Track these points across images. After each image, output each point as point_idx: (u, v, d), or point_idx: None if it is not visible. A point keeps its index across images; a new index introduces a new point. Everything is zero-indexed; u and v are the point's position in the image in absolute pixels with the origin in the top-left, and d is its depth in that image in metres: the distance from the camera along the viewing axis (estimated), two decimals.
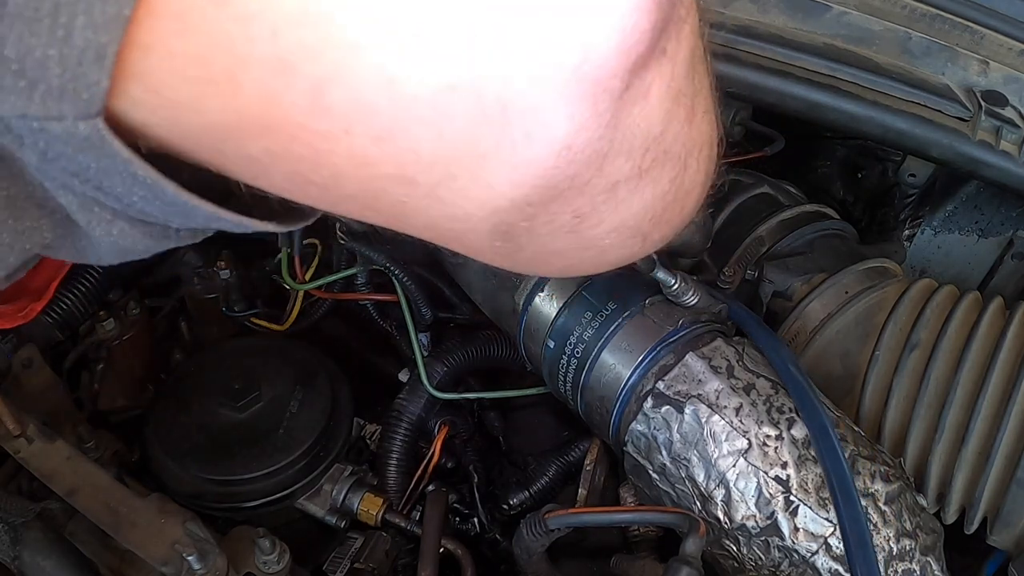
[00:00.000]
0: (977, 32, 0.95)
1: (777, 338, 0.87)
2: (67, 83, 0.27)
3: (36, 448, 0.91)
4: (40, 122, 0.28)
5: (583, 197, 0.35)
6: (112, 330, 1.16)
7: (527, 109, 0.30)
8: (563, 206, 0.35)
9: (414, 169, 0.31)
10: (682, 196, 0.41)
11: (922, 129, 0.89)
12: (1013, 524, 0.88)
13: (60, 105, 0.27)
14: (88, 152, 0.29)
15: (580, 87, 0.30)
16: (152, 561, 0.83)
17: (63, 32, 0.26)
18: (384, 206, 0.35)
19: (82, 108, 0.27)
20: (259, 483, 1.02)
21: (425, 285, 1.16)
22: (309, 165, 0.32)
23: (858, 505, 0.73)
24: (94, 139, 0.28)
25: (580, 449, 1.11)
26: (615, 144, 0.33)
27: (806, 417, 0.78)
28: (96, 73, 0.27)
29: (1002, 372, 0.89)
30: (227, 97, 0.29)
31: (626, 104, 0.32)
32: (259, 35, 0.27)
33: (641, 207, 0.39)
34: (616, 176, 0.35)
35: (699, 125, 0.39)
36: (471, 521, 1.14)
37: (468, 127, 0.30)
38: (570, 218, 0.37)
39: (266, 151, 0.31)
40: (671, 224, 0.43)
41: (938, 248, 1.22)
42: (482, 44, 0.28)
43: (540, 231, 0.37)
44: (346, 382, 1.15)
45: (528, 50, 0.29)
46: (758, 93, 0.89)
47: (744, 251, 1.06)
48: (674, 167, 0.39)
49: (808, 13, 0.93)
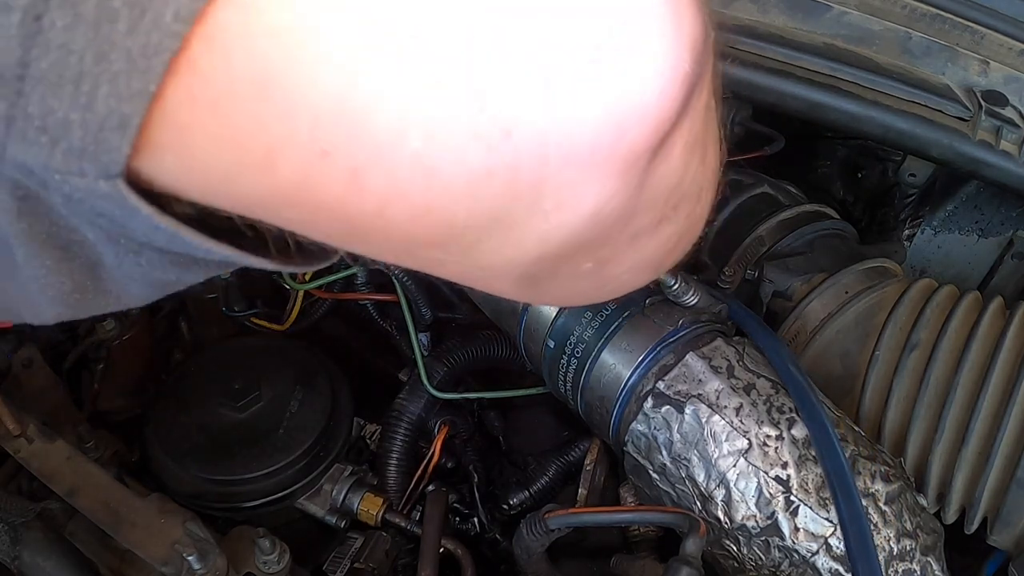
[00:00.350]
0: (977, 32, 0.95)
1: (777, 338, 0.87)
2: (88, 146, 0.27)
3: (36, 448, 0.91)
4: (62, 176, 0.28)
5: (606, 248, 0.36)
6: (112, 330, 1.16)
7: (561, 184, 0.30)
8: (587, 257, 0.36)
9: (446, 239, 0.32)
10: (694, 226, 0.42)
11: (922, 129, 0.89)
12: (1013, 524, 0.88)
13: (81, 163, 0.27)
14: (109, 203, 0.29)
15: (613, 165, 0.30)
16: (152, 561, 0.83)
17: (85, 99, 0.26)
18: (417, 263, 0.36)
19: (102, 170, 0.27)
20: (259, 483, 1.02)
21: (425, 285, 1.16)
22: (343, 233, 0.32)
23: (859, 505, 0.73)
24: (115, 196, 0.28)
25: (580, 449, 1.10)
26: (640, 203, 0.34)
27: (806, 417, 0.78)
28: (118, 140, 0.27)
29: (1002, 372, 0.89)
30: (263, 177, 0.29)
31: (652, 169, 0.32)
32: (298, 127, 0.27)
33: (658, 245, 0.40)
34: (639, 228, 0.36)
35: (711, 161, 0.40)
36: (471, 521, 1.14)
37: (502, 204, 0.30)
38: (592, 265, 0.38)
39: (300, 221, 0.32)
40: (684, 251, 0.44)
41: (938, 248, 1.22)
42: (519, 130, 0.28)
43: (562, 276, 0.38)
44: (346, 382, 1.15)
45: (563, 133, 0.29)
46: (758, 93, 0.89)
47: (744, 251, 1.06)
48: (689, 204, 0.39)
49: (808, 13, 0.93)
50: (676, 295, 0.87)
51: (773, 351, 0.84)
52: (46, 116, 0.26)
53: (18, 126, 0.26)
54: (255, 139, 0.28)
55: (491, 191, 0.30)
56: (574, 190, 0.31)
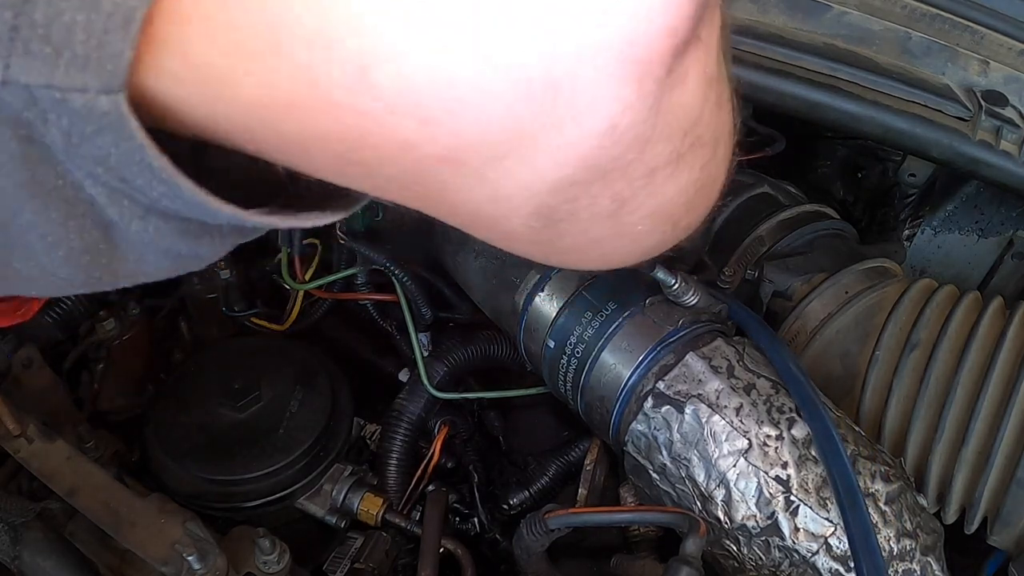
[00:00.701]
0: (977, 32, 0.95)
1: (777, 338, 0.87)
2: (91, 51, 0.26)
3: (36, 448, 0.91)
4: (63, 93, 0.27)
5: (624, 180, 0.36)
6: (112, 330, 1.16)
7: (574, 90, 0.30)
8: (604, 189, 0.36)
9: (459, 151, 0.31)
10: (710, 183, 0.42)
11: (922, 129, 0.89)
12: (1013, 524, 0.88)
13: (84, 75, 0.27)
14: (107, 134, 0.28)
15: (627, 68, 0.30)
16: (152, 561, 0.83)
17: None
18: (425, 188, 0.34)
19: (105, 80, 0.27)
20: (259, 483, 1.02)
21: (425, 285, 1.16)
22: (350, 146, 0.31)
23: (863, 504, 0.73)
24: (113, 116, 0.28)
25: (580, 449, 1.11)
26: (657, 129, 0.34)
27: (808, 417, 0.78)
28: (120, 43, 0.26)
29: (1002, 372, 0.89)
30: (267, 72, 0.28)
31: (667, 88, 0.32)
32: (306, 8, 0.27)
33: (676, 192, 0.39)
34: (656, 161, 0.36)
35: (725, 113, 0.40)
36: (471, 521, 1.14)
37: (516, 109, 0.30)
38: (609, 202, 0.37)
39: (305, 131, 0.30)
40: (699, 211, 0.44)
41: (938, 248, 1.22)
42: (531, 26, 0.28)
43: (580, 215, 0.37)
44: (346, 382, 1.15)
45: (576, 31, 0.29)
46: (758, 93, 0.89)
47: (744, 251, 1.06)
48: (705, 153, 0.39)
49: (808, 13, 0.93)
50: (676, 295, 0.87)
51: (773, 351, 0.84)
52: (52, 21, 0.26)
53: (22, 36, 0.26)
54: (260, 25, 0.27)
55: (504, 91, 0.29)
56: (589, 96, 0.30)
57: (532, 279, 0.96)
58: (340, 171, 0.33)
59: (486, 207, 0.36)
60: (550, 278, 0.94)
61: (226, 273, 1.21)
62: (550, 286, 0.94)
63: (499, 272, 1.02)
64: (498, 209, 0.36)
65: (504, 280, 1.00)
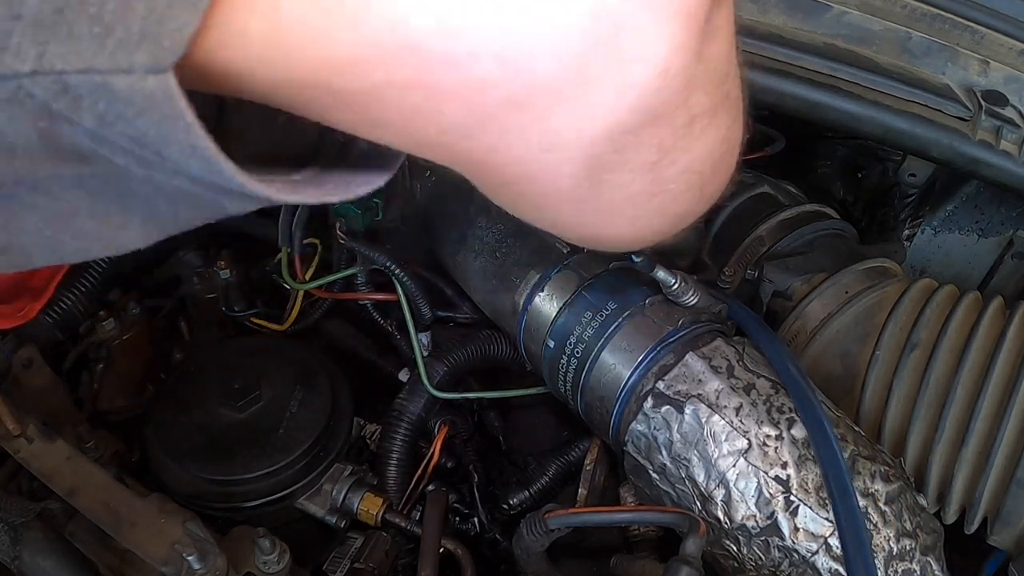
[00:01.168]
0: (977, 32, 0.95)
1: (777, 338, 0.87)
2: (150, 27, 0.25)
3: (36, 448, 0.91)
4: (104, 76, 0.26)
5: (668, 127, 0.37)
6: (112, 330, 1.16)
7: (634, 29, 0.31)
8: (651, 136, 0.37)
9: (527, 93, 0.32)
10: (733, 147, 0.45)
11: (922, 129, 0.89)
12: (1013, 524, 0.88)
13: (132, 55, 0.26)
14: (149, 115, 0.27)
15: (676, 13, 0.32)
16: (152, 561, 0.83)
17: None
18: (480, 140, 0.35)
19: (159, 57, 0.26)
20: (259, 483, 1.02)
21: (425, 285, 1.16)
22: (423, 94, 0.31)
23: (855, 504, 0.73)
24: (158, 97, 0.27)
25: (580, 449, 1.11)
26: (698, 76, 0.35)
27: (804, 417, 0.78)
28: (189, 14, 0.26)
29: (1002, 372, 0.89)
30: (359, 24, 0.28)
31: (707, 36, 0.34)
32: None
33: (707, 149, 0.41)
34: (697, 108, 0.38)
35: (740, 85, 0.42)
36: (471, 521, 1.14)
37: (586, 48, 0.31)
38: (654, 152, 0.38)
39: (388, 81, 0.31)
40: (722, 176, 0.46)
41: (938, 248, 1.22)
42: None
43: (625, 167, 0.39)
44: (346, 382, 1.15)
45: None
46: (758, 93, 0.89)
47: (744, 251, 1.06)
48: (731, 112, 0.42)
49: (808, 13, 0.93)
50: (676, 295, 0.87)
51: (773, 351, 0.84)
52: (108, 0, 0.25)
53: (67, 18, 0.25)
54: None
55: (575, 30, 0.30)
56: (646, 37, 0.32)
57: (532, 279, 0.96)
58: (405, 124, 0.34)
59: (539, 158, 0.36)
60: (550, 278, 0.94)
61: (226, 273, 1.21)
62: (550, 286, 0.94)
63: (499, 272, 1.02)
64: (550, 159, 0.36)
65: (504, 280, 1.00)
